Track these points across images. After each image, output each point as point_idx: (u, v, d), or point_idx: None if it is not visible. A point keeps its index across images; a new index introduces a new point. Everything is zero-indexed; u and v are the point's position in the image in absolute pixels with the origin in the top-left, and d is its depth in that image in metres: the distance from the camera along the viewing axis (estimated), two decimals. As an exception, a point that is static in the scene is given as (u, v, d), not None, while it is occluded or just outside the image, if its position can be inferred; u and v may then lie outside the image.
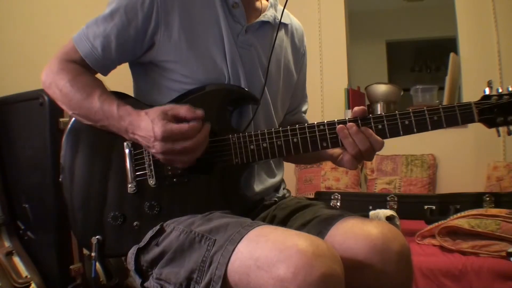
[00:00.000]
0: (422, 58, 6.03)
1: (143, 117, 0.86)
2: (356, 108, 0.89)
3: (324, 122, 0.89)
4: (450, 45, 3.15)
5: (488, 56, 2.75)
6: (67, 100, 0.90)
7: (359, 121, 0.88)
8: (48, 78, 0.92)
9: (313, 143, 0.89)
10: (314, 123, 0.89)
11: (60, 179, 0.95)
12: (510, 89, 0.85)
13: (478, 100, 0.86)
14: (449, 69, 2.85)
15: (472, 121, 0.85)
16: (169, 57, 0.93)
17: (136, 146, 0.91)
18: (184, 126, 0.85)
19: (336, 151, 0.97)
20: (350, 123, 0.87)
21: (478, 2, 2.81)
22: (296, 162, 1.29)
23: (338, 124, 0.88)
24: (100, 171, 0.93)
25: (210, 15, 0.95)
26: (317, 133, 0.89)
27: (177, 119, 0.86)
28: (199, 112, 0.87)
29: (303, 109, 1.21)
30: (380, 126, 0.87)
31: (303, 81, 1.19)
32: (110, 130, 0.90)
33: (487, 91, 0.86)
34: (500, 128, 0.86)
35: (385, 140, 0.88)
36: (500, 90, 0.85)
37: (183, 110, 0.86)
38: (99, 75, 0.96)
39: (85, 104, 0.89)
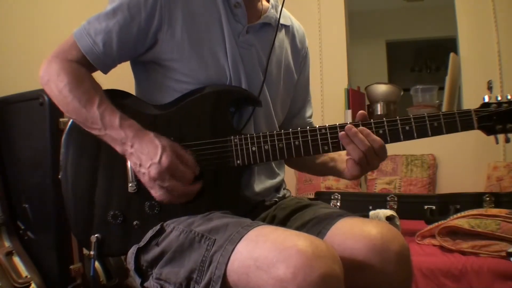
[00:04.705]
0: (422, 58, 6.03)
1: (151, 137, 0.86)
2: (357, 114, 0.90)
3: (325, 126, 0.90)
4: (450, 45, 3.15)
5: (488, 56, 2.74)
6: (64, 104, 0.89)
7: (360, 124, 0.88)
8: (47, 75, 0.90)
9: (314, 147, 0.89)
10: (316, 127, 0.90)
11: (59, 176, 0.95)
12: (509, 97, 0.86)
13: (478, 108, 0.87)
14: (449, 69, 2.85)
15: (472, 128, 0.87)
16: (171, 55, 0.93)
17: None
18: (188, 171, 0.86)
19: (342, 166, 0.98)
20: (349, 126, 0.87)
21: (478, 2, 2.80)
22: (299, 169, 1.26)
23: (340, 128, 0.88)
24: (101, 170, 0.93)
25: (212, 14, 0.95)
26: (318, 136, 0.89)
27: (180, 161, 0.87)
28: (197, 170, 0.89)
29: (308, 114, 1.19)
30: (381, 131, 0.88)
31: (305, 83, 1.18)
32: (103, 139, 0.89)
33: (486, 99, 0.88)
34: (498, 135, 0.88)
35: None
36: (499, 98, 0.87)
37: (189, 159, 0.88)
38: (100, 74, 0.95)
39: (82, 111, 0.87)
